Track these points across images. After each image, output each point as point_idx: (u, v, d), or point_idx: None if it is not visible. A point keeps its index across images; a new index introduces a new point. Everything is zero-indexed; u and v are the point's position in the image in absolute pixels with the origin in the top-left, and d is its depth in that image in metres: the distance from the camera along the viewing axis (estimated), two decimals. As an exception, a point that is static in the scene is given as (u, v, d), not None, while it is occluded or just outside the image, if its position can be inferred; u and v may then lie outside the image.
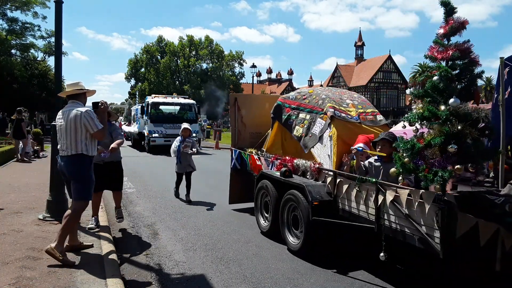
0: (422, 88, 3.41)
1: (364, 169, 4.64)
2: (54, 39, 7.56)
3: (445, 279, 4.26)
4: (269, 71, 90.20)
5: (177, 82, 52.72)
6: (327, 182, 4.74)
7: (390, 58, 58.87)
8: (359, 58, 63.04)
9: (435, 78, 3.28)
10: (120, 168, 5.87)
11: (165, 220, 6.53)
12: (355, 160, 4.70)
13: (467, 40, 3.26)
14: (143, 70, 54.22)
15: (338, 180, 4.54)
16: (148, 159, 16.59)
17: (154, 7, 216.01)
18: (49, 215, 5.84)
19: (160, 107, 20.10)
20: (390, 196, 3.66)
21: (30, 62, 32.19)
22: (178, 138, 8.06)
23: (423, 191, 3.31)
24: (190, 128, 8.18)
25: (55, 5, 5.97)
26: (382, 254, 3.81)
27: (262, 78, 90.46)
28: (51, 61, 31.27)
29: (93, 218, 5.61)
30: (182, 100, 21.09)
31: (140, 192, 8.89)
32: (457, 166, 3.09)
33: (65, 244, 4.29)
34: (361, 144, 4.78)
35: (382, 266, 4.24)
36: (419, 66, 50.38)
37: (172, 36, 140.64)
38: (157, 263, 4.60)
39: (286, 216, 5.15)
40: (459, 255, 3.32)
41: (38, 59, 30.96)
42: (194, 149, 7.96)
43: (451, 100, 3.15)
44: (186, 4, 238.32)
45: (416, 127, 3.40)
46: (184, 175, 8.07)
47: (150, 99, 20.01)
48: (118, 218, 6.00)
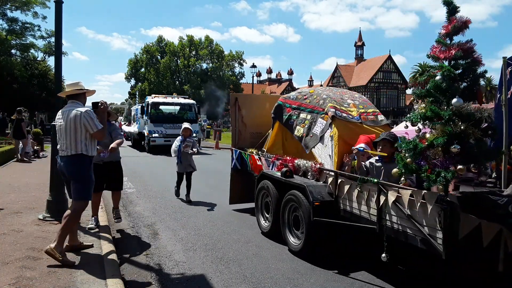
0: (423, 88, 3.39)
1: (365, 169, 4.61)
2: (54, 39, 7.54)
3: (447, 279, 4.24)
4: (269, 71, 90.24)
5: (177, 82, 52.70)
6: (328, 183, 4.71)
7: (390, 58, 58.87)
8: (359, 58, 63.04)
9: (438, 77, 3.27)
10: (119, 168, 5.87)
11: (165, 220, 6.52)
12: (356, 160, 4.68)
13: (469, 40, 3.23)
14: (143, 70, 54.21)
15: (339, 180, 4.52)
16: (148, 159, 16.57)
17: (154, 7, 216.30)
18: (49, 215, 5.84)
19: (160, 107, 20.10)
20: (392, 196, 3.64)
21: (30, 62, 32.17)
22: (179, 138, 8.05)
23: (425, 191, 3.29)
24: (190, 128, 8.16)
25: (55, 5, 5.96)
26: (384, 255, 3.79)
27: (262, 78, 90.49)
28: (51, 61, 31.33)
29: (93, 218, 5.61)
30: (182, 100, 21.08)
31: (140, 192, 8.88)
32: (459, 167, 3.07)
33: (65, 244, 4.28)
34: (362, 144, 4.77)
35: (383, 267, 4.22)
36: (419, 66, 50.36)
37: (172, 36, 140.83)
38: (157, 263, 4.59)
39: (287, 217, 5.13)
40: (461, 256, 3.31)
41: (38, 59, 30.95)
42: (195, 149, 7.95)
43: (454, 100, 3.12)
44: (186, 4, 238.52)
45: (418, 127, 3.38)
46: (184, 175, 8.05)
47: (150, 99, 20.00)
48: (116, 218, 6.00)
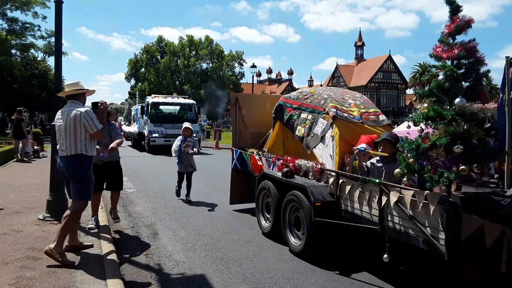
0: (423, 88, 3.36)
1: (366, 169, 4.60)
2: (54, 39, 7.52)
3: (447, 280, 4.22)
4: (269, 71, 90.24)
5: (177, 82, 52.66)
6: (330, 183, 4.69)
7: (390, 58, 58.88)
8: (359, 58, 63.03)
9: (441, 77, 3.24)
10: (119, 168, 5.86)
11: (165, 220, 6.50)
12: (357, 160, 4.66)
13: (472, 39, 3.21)
14: (143, 70, 54.16)
15: (340, 180, 4.50)
16: (148, 159, 16.56)
17: (154, 7, 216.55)
18: (49, 215, 5.83)
19: (160, 107, 20.08)
20: (394, 197, 3.61)
21: (30, 62, 32.13)
22: (179, 138, 8.04)
23: (428, 192, 3.26)
24: (191, 127, 8.14)
25: (55, 5, 5.95)
26: (385, 256, 3.76)
27: (262, 78, 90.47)
28: (51, 61, 31.28)
29: (93, 218, 5.60)
30: (182, 100, 21.06)
31: (140, 192, 8.86)
32: (462, 167, 3.04)
33: (65, 244, 4.27)
34: (363, 145, 4.75)
35: (385, 268, 4.20)
36: (419, 66, 50.41)
37: (172, 36, 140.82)
38: (157, 263, 4.57)
39: (288, 217, 5.10)
40: (464, 257, 3.28)
41: (38, 59, 30.91)
42: (195, 149, 7.92)
43: (457, 100, 3.10)
44: (186, 4, 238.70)
45: (421, 127, 3.35)
46: (185, 175, 8.03)
47: (150, 99, 19.99)
48: (114, 219, 6.00)
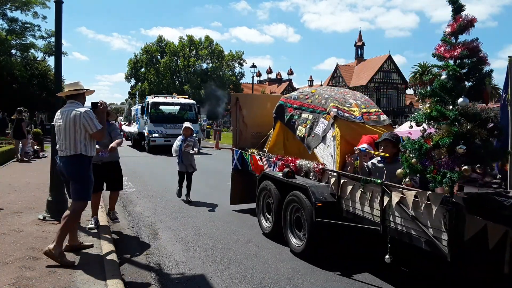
0: (425, 88, 3.35)
1: (367, 170, 4.57)
2: (54, 39, 7.50)
3: (447, 280, 4.21)
4: (269, 71, 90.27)
5: (177, 82, 52.66)
6: (331, 183, 4.67)
7: (390, 58, 58.90)
8: (359, 58, 63.05)
9: (443, 77, 3.22)
10: (118, 168, 5.85)
11: (165, 220, 6.48)
12: (358, 160, 4.64)
13: (475, 39, 3.18)
14: (143, 70, 54.18)
15: (342, 181, 4.47)
16: (148, 159, 16.54)
17: (154, 7, 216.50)
18: (49, 215, 5.81)
19: (160, 107, 20.07)
20: (396, 197, 3.59)
21: (30, 62, 32.12)
22: (180, 137, 8.02)
23: (430, 192, 3.24)
24: (191, 127, 8.12)
25: (55, 5, 5.93)
26: (387, 257, 3.74)
27: (262, 78, 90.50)
28: (51, 61, 31.29)
29: (92, 218, 5.58)
30: (182, 100, 21.04)
31: (140, 192, 8.85)
32: (464, 167, 3.02)
33: (65, 244, 4.26)
34: (364, 145, 4.72)
35: (386, 268, 4.17)
36: (419, 66, 50.22)
37: (172, 36, 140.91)
38: (157, 263, 4.56)
39: (288, 218, 5.08)
40: (467, 257, 3.26)
41: (38, 59, 30.92)
42: (196, 148, 7.90)
43: (460, 100, 3.07)
44: (186, 4, 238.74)
45: (423, 127, 3.33)
46: (185, 175, 8.00)
47: (150, 99, 19.97)
48: (113, 219, 5.99)
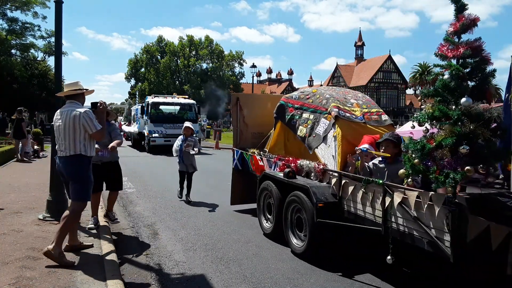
0: (426, 87, 3.32)
1: (368, 170, 4.55)
2: (54, 39, 7.49)
3: (449, 281, 4.19)
4: (269, 71, 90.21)
5: (177, 82, 52.62)
6: (332, 183, 4.65)
7: (390, 58, 58.90)
8: (359, 58, 63.04)
9: (446, 76, 3.19)
10: (118, 168, 5.84)
11: (165, 220, 6.46)
12: (359, 160, 4.62)
13: (478, 38, 3.16)
14: (143, 70, 54.16)
15: (343, 181, 4.45)
16: (148, 159, 16.52)
17: (154, 7, 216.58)
18: (49, 215, 5.80)
19: (160, 107, 20.04)
20: (398, 198, 3.57)
21: (30, 62, 32.12)
22: (180, 137, 7.99)
23: (432, 193, 3.22)
24: (192, 127, 8.10)
25: (55, 5, 5.92)
26: (389, 257, 3.72)
27: (262, 78, 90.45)
28: (51, 61, 31.27)
29: (92, 218, 5.57)
30: (182, 100, 21.01)
31: (140, 192, 8.83)
32: (467, 168, 3.00)
33: (64, 244, 4.25)
34: (366, 145, 4.70)
35: (388, 269, 4.15)
36: (419, 66, 50.43)
37: (172, 36, 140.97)
38: (157, 263, 4.55)
39: (289, 218, 5.06)
40: (469, 258, 3.24)
41: (38, 59, 30.90)
42: (196, 148, 7.87)
43: (463, 100, 3.05)
44: (186, 4, 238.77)
45: (426, 127, 3.31)
46: (185, 175, 7.98)
47: (150, 99, 19.95)
48: (112, 220, 5.98)
